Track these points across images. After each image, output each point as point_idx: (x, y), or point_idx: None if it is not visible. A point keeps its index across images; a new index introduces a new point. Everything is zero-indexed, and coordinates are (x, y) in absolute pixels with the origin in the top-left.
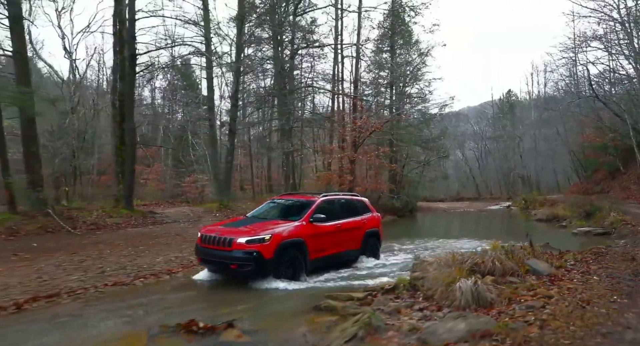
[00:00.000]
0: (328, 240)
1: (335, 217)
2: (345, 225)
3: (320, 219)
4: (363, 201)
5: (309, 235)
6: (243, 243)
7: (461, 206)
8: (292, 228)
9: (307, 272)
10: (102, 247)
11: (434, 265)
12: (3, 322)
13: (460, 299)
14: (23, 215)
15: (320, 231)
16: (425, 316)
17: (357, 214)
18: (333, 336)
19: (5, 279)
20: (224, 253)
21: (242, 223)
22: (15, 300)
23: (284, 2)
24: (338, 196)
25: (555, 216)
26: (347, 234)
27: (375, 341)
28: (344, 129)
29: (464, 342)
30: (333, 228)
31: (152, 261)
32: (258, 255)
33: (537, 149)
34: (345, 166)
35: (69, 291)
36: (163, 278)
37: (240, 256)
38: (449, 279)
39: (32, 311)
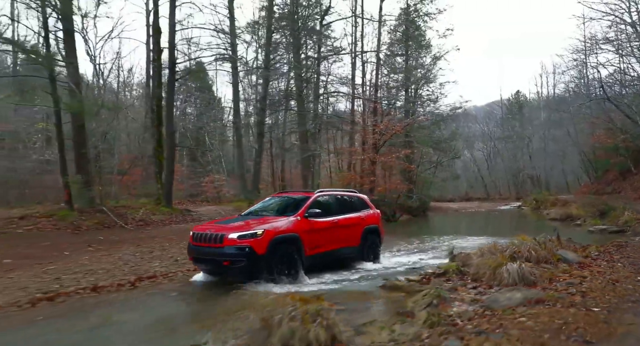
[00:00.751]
0: (324, 236)
1: (332, 213)
2: (343, 221)
3: (315, 214)
4: (362, 197)
5: (304, 230)
6: (235, 239)
7: (471, 206)
8: (286, 223)
9: (304, 269)
10: (159, 240)
11: (477, 254)
12: (128, 295)
13: (508, 279)
14: (80, 212)
15: (316, 226)
16: (480, 292)
17: (355, 210)
18: (409, 305)
19: (98, 265)
20: (216, 250)
21: (235, 220)
22: (126, 279)
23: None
24: (335, 192)
25: (568, 215)
26: (344, 230)
27: (447, 308)
28: (365, 131)
29: (522, 306)
30: (329, 223)
31: None
32: (250, 251)
33: (547, 149)
34: (367, 167)
35: (161, 274)
36: None
37: (232, 252)
38: (495, 264)
39: (143, 289)
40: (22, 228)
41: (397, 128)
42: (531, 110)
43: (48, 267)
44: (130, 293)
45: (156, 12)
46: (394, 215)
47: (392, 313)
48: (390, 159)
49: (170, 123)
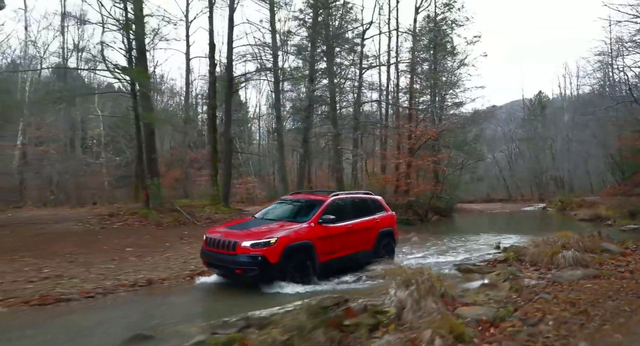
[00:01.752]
0: (338, 242)
1: (346, 217)
2: (357, 225)
3: (329, 220)
4: (377, 199)
5: (318, 237)
6: (248, 247)
7: (494, 207)
8: (300, 230)
9: (316, 275)
10: None
11: (532, 245)
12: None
13: (564, 263)
14: (156, 210)
15: (330, 232)
16: (542, 273)
17: (369, 213)
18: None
19: None
20: (229, 257)
21: (248, 225)
22: None
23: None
24: (349, 194)
25: (597, 216)
26: (358, 234)
27: (520, 282)
28: (400, 136)
29: (583, 279)
30: (344, 228)
31: None
32: (263, 260)
33: (570, 150)
34: (402, 170)
35: None
36: None
37: (245, 261)
38: (551, 252)
39: None
40: (116, 224)
41: (432, 133)
42: (554, 111)
43: (166, 254)
44: None
45: (211, 31)
46: (426, 215)
47: (477, 285)
48: (427, 163)
49: (228, 131)
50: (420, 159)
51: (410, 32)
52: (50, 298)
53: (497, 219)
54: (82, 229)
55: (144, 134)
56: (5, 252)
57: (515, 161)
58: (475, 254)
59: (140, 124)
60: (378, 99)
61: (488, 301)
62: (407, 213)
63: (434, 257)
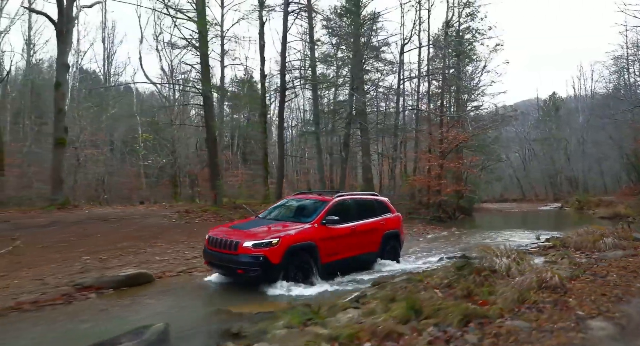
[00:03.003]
0: (342, 243)
1: (351, 218)
2: (362, 227)
3: (333, 221)
4: (382, 200)
5: (321, 238)
6: (249, 247)
7: (509, 206)
8: (303, 231)
9: (319, 276)
10: None
11: (575, 235)
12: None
13: (605, 247)
14: (223, 207)
15: (334, 233)
16: (587, 255)
17: (375, 215)
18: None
19: None
20: (231, 257)
21: (251, 225)
22: None
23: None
24: (355, 195)
25: (617, 214)
26: (363, 236)
27: (575, 260)
28: (433, 140)
29: (624, 257)
30: (348, 230)
31: None
32: (265, 260)
33: (585, 151)
34: (436, 172)
35: None
36: None
37: (246, 261)
38: (592, 239)
39: None
40: (195, 219)
41: (463, 137)
42: (568, 112)
43: None
44: None
45: (262, 46)
46: (454, 213)
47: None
48: (458, 165)
49: (282, 137)
50: (452, 162)
51: (443, 45)
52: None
53: (518, 217)
54: (170, 223)
55: (207, 141)
56: (141, 240)
57: (529, 161)
58: (521, 243)
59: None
60: (415, 107)
61: (556, 271)
62: (438, 211)
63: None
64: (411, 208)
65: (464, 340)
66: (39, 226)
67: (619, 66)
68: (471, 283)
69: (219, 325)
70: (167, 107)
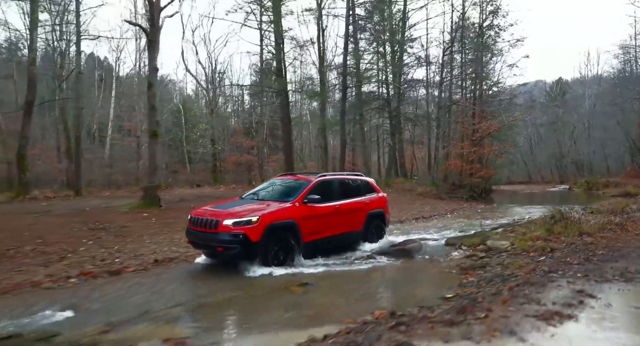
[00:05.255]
0: (324, 222)
1: (334, 198)
2: (345, 206)
3: (315, 200)
4: (367, 181)
5: (303, 217)
6: (229, 226)
7: (521, 188)
8: (284, 209)
9: (301, 255)
10: None
11: (604, 205)
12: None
13: (632, 211)
14: None
15: (316, 212)
16: (620, 216)
17: (359, 194)
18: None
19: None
20: (211, 236)
21: (232, 205)
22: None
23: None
24: (338, 175)
25: (627, 193)
26: (346, 215)
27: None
28: (467, 129)
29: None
30: (330, 209)
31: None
32: (244, 238)
33: (591, 135)
34: (472, 157)
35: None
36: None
37: (226, 239)
38: (620, 207)
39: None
40: None
41: (494, 127)
42: (574, 97)
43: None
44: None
45: (321, 48)
46: (481, 193)
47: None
48: (489, 151)
49: (344, 128)
50: (484, 148)
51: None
52: None
53: (534, 196)
54: None
55: (284, 134)
56: None
57: (536, 144)
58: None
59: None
60: (456, 102)
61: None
62: (470, 192)
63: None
64: (447, 189)
65: (584, 240)
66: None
67: (626, 56)
68: (563, 225)
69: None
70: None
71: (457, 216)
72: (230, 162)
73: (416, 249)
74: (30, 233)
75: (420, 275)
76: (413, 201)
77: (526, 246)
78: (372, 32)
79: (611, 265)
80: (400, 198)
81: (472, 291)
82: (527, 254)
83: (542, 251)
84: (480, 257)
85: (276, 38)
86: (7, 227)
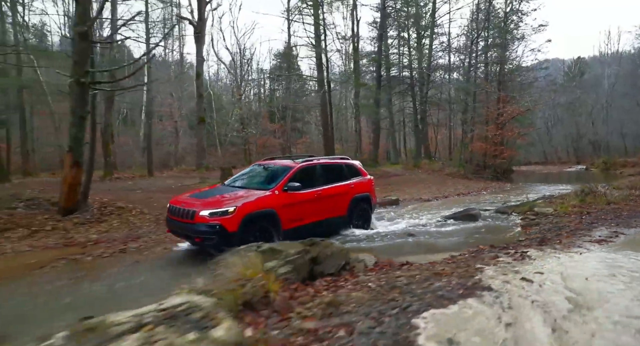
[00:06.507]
0: (306, 209)
1: (317, 183)
2: (328, 191)
3: (295, 187)
4: (352, 164)
5: (282, 205)
6: (206, 216)
7: (538, 168)
8: (262, 198)
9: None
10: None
11: (625, 182)
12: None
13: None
14: None
15: (297, 199)
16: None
17: (344, 179)
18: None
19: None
20: (188, 226)
21: (210, 193)
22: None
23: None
24: (321, 160)
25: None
26: (329, 200)
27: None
28: (491, 112)
29: None
30: (312, 195)
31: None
32: (221, 228)
33: (609, 115)
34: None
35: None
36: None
37: (203, 230)
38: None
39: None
40: None
41: (518, 111)
42: (594, 77)
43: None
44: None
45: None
46: (504, 173)
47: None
48: (514, 134)
49: (377, 115)
50: (509, 131)
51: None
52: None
53: (554, 176)
54: None
55: (322, 118)
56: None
57: (553, 125)
58: None
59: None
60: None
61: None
62: (494, 172)
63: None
64: (472, 170)
65: (612, 207)
66: None
67: None
68: (592, 197)
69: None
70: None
71: (491, 193)
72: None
73: (478, 215)
74: (158, 203)
75: (491, 230)
76: (445, 181)
77: (567, 211)
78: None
79: (634, 220)
80: (432, 178)
81: (538, 236)
82: (569, 216)
83: (580, 213)
84: (532, 219)
85: (316, 30)
86: (135, 199)
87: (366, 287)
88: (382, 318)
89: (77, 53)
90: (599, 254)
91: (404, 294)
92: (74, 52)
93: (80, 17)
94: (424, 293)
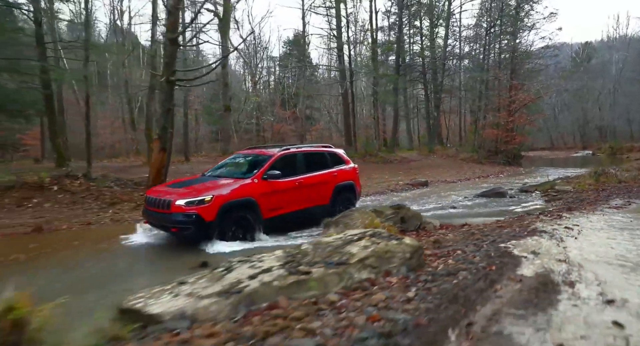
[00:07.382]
0: (287, 197)
1: (298, 171)
2: (309, 180)
3: (275, 175)
4: (335, 152)
5: (262, 193)
6: (182, 206)
7: (545, 154)
8: (241, 187)
9: (261, 231)
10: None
11: (634, 165)
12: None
13: None
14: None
15: (276, 188)
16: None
17: (326, 167)
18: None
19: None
20: (165, 216)
21: (189, 183)
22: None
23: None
24: (302, 149)
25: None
26: (311, 189)
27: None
28: (502, 100)
29: None
30: (293, 183)
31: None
32: (197, 218)
33: (616, 100)
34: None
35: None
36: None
37: (179, 219)
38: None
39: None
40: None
41: (529, 99)
42: (602, 62)
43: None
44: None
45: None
46: (514, 158)
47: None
48: (525, 120)
49: (397, 105)
50: (520, 118)
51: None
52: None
53: (561, 161)
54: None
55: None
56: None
57: (559, 111)
58: None
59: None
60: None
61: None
62: (505, 157)
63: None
64: (485, 155)
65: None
66: None
67: None
68: (605, 177)
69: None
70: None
71: (508, 176)
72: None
73: (506, 192)
74: None
75: (521, 203)
76: (461, 165)
77: (584, 188)
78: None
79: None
80: (447, 163)
81: (564, 206)
82: (587, 192)
83: (597, 190)
84: (554, 195)
85: (337, 21)
86: None
87: (450, 234)
88: (481, 245)
89: (167, 56)
90: (616, 216)
91: (484, 236)
92: (164, 55)
93: (172, 25)
94: (499, 235)
